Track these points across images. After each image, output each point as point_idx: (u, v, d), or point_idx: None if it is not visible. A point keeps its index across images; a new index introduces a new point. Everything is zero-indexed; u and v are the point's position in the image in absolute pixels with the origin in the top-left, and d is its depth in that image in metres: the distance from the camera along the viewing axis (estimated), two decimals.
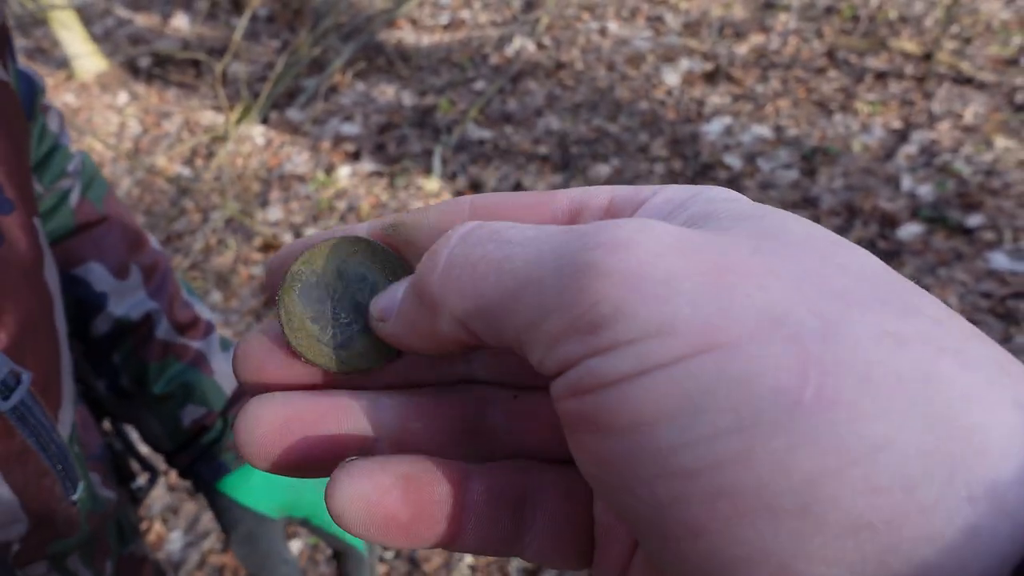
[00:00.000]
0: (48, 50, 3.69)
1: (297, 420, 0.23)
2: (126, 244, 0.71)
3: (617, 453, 0.17)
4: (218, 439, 0.74)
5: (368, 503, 0.22)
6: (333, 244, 0.25)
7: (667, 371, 0.16)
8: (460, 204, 0.25)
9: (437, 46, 3.25)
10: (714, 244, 0.18)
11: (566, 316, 0.18)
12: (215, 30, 3.67)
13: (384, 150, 2.72)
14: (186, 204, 2.66)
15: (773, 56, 2.80)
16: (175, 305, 0.73)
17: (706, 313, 0.16)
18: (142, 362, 0.71)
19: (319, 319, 0.24)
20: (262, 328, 0.25)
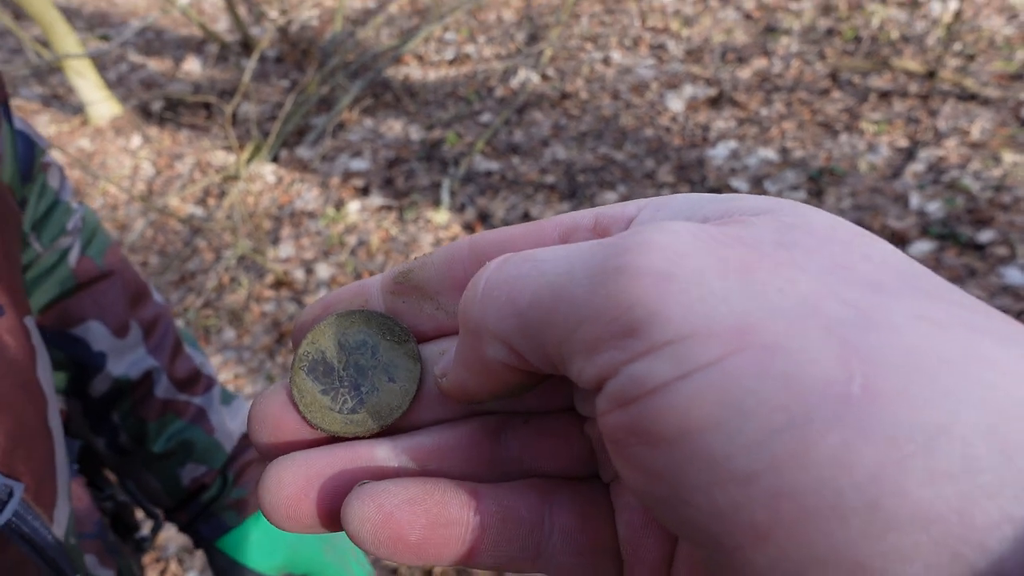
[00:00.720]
0: (63, 96, 3.78)
1: (319, 477, 0.24)
2: (126, 300, 0.70)
3: (668, 464, 0.17)
4: (217, 496, 0.73)
5: (375, 524, 0.22)
6: (331, 322, 0.26)
7: (708, 373, 0.16)
8: (460, 245, 0.26)
9: (443, 81, 3.30)
10: (738, 239, 0.18)
11: (600, 322, 0.18)
12: (226, 72, 3.74)
13: (393, 184, 2.75)
14: (199, 243, 2.70)
15: (776, 79, 2.81)
16: (176, 361, 0.73)
17: (740, 311, 0.16)
18: (141, 421, 0.70)
19: (329, 391, 0.26)
20: (274, 389, 0.26)
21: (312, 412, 0.25)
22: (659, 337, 0.17)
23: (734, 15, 3.23)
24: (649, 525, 0.23)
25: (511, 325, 0.20)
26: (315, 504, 0.24)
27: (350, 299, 0.27)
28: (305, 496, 0.24)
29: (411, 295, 0.26)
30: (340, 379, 0.26)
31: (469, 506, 0.23)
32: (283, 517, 0.24)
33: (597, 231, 0.24)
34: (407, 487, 0.23)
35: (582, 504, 0.24)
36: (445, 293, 0.26)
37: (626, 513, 0.24)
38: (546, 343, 0.19)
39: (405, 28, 3.69)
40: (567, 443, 0.25)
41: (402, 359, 0.26)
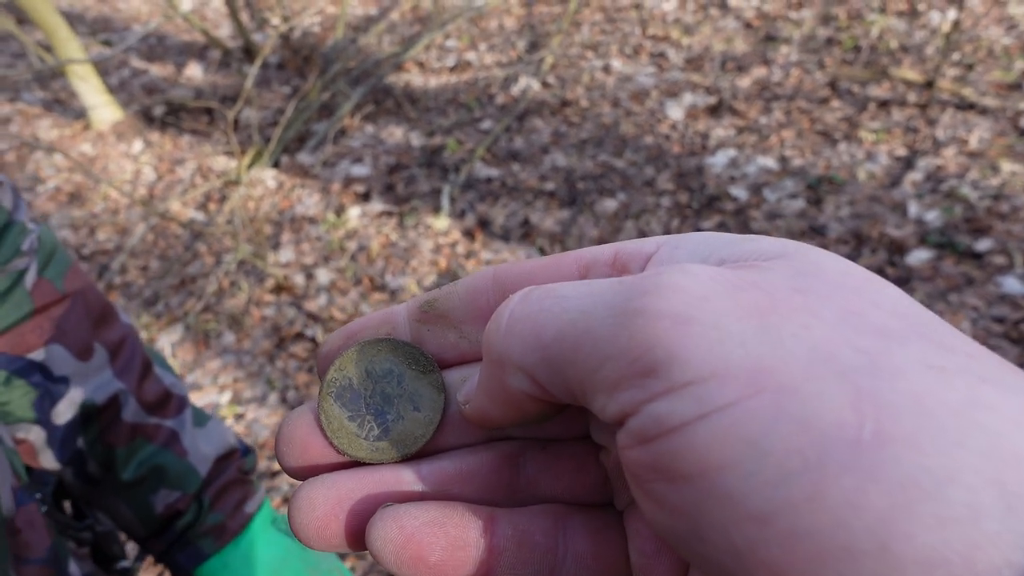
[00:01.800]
0: (65, 101, 3.79)
1: (347, 500, 0.25)
2: (89, 322, 0.67)
3: (688, 501, 0.17)
4: (193, 523, 0.70)
5: (397, 544, 0.23)
6: (359, 349, 0.27)
7: (726, 414, 0.17)
8: (483, 276, 0.27)
9: (444, 88, 3.31)
10: (754, 284, 0.19)
11: (622, 362, 0.18)
12: (227, 78, 3.76)
13: (393, 190, 2.76)
14: (199, 248, 2.70)
15: (776, 88, 2.82)
16: (144, 382, 0.70)
17: (757, 354, 0.17)
18: (109, 447, 0.67)
19: (356, 417, 0.27)
20: (301, 411, 0.27)
21: (339, 438, 0.26)
22: (679, 378, 0.17)
23: (734, 24, 3.25)
24: (661, 553, 0.24)
25: (535, 359, 0.21)
26: (343, 525, 0.25)
27: (377, 326, 0.28)
28: (334, 517, 0.25)
29: (436, 324, 0.27)
30: (367, 406, 0.27)
31: (486, 529, 0.24)
32: (313, 536, 0.25)
33: (616, 267, 0.25)
34: (428, 510, 0.24)
35: (596, 530, 0.25)
36: (468, 323, 0.27)
37: (639, 541, 0.24)
38: (569, 378, 0.20)
39: (406, 35, 3.70)
40: (583, 471, 0.26)
41: (427, 388, 0.27)
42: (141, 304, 2.55)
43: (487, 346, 0.23)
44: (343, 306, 2.33)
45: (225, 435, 0.75)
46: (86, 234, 2.92)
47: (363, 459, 0.26)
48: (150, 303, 2.55)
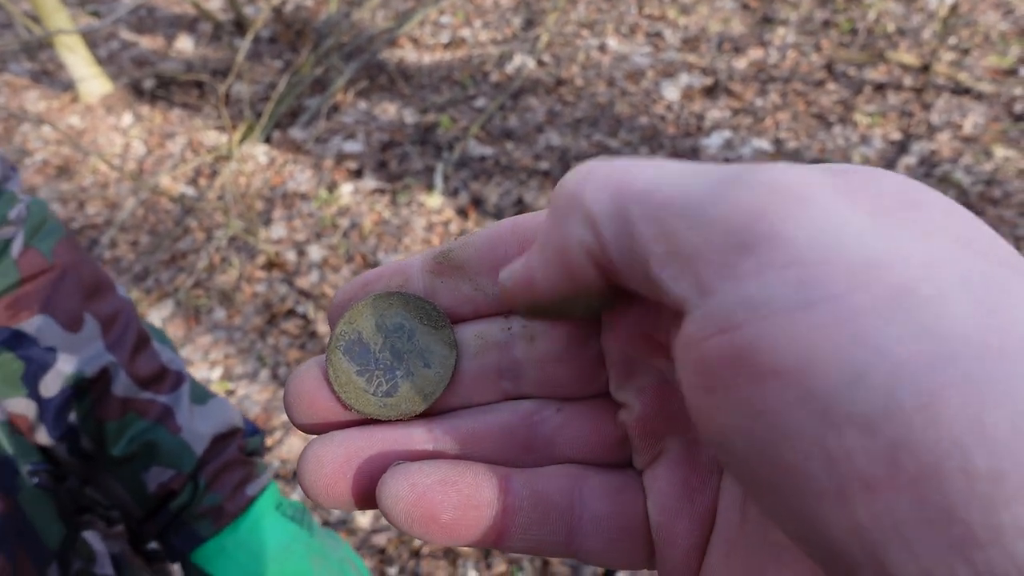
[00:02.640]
0: (53, 72, 3.73)
1: (356, 457, 0.24)
2: (80, 294, 0.66)
3: (774, 401, 0.15)
4: (188, 504, 0.67)
5: (409, 503, 0.23)
6: (370, 302, 0.27)
7: (834, 305, 0.15)
8: (503, 225, 0.26)
9: (438, 64, 3.28)
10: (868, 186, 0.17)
11: (717, 229, 0.17)
12: (218, 51, 3.71)
13: (386, 167, 2.74)
14: (190, 223, 2.68)
15: (772, 70, 2.81)
16: (138, 356, 0.68)
17: (874, 248, 0.16)
18: (100, 422, 0.65)
19: (364, 372, 0.26)
20: (309, 366, 0.27)
21: (347, 393, 0.26)
22: (782, 257, 0.16)
23: (731, 5, 3.22)
24: (682, 511, 0.23)
25: (608, 207, 0.19)
26: (351, 483, 0.24)
27: (389, 278, 0.27)
28: (343, 475, 0.24)
29: (450, 275, 0.26)
30: (376, 361, 0.26)
31: (501, 489, 0.24)
32: (321, 495, 0.24)
33: None
34: (440, 468, 0.24)
35: (614, 491, 0.24)
36: (484, 274, 0.26)
37: (660, 499, 0.24)
38: (644, 238, 0.18)
39: (401, 10, 3.66)
40: (599, 430, 0.26)
41: (438, 345, 0.26)
42: (131, 279, 2.53)
43: (557, 192, 0.21)
44: (335, 283, 2.32)
45: (228, 414, 0.73)
46: (75, 208, 2.89)
47: (371, 415, 0.26)
48: (140, 278, 2.53)
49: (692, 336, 0.17)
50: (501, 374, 0.26)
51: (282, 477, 1.84)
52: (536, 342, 0.26)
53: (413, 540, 1.64)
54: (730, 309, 0.16)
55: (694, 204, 0.17)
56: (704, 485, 0.23)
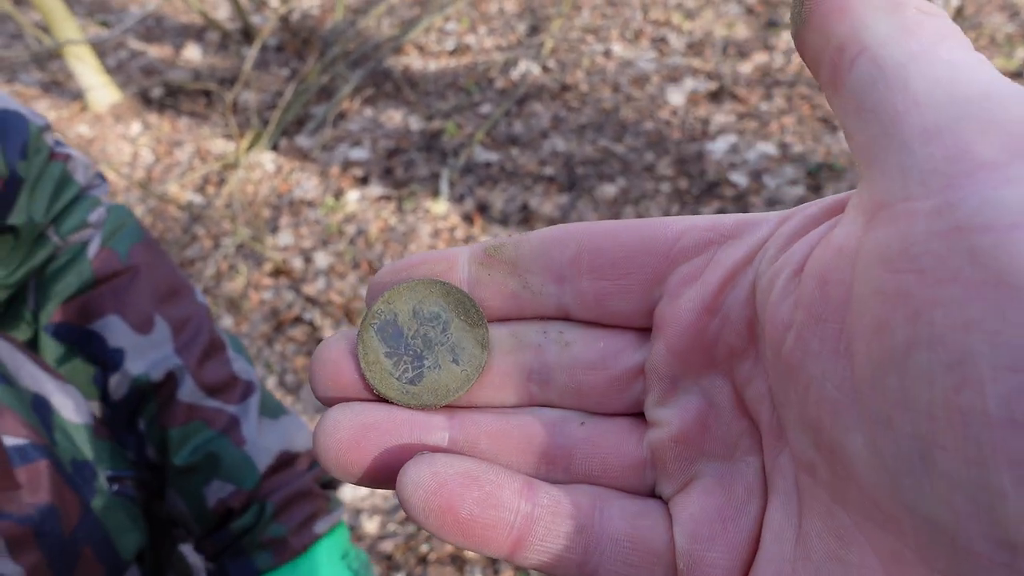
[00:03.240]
0: (63, 82, 3.77)
1: (373, 430, 0.24)
2: (154, 296, 0.65)
3: (1002, 313, 0.14)
4: (250, 528, 0.63)
5: (428, 491, 0.22)
6: (412, 286, 0.26)
7: None
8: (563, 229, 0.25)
9: (443, 71, 3.30)
10: None
11: (1000, 134, 0.16)
12: (226, 60, 3.73)
13: (392, 174, 2.75)
14: (198, 231, 2.70)
15: (777, 74, 2.81)
16: (207, 362, 0.65)
17: None
18: (163, 428, 0.63)
19: (393, 355, 0.26)
20: (341, 335, 0.26)
21: (372, 372, 0.25)
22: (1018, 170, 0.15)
23: (736, 9, 3.23)
24: (716, 539, 0.22)
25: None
26: (364, 455, 0.24)
27: (435, 263, 0.26)
28: (356, 445, 0.24)
29: (499, 269, 0.26)
30: (407, 347, 0.26)
31: (522, 494, 0.23)
32: (332, 461, 0.24)
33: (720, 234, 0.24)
34: (465, 462, 0.23)
35: (635, 514, 0.24)
36: (535, 274, 0.25)
37: (691, 525, 0.23)
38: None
39: (406, 18, 3.68)
40: (621, 450, 0.25)
41: (470, 343, 0.26)
42: None
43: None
44: (341, 290, 2.33)
45: (301, 433, 0.69)
46: None
47: (391, 399, 0.25)
48: None
49: (917, 212, 0.16)
50: (530, 376, 0.26)
51: None
52: (571, 348, 0.25)
53: (420, 546, 1.64)
54: (977, 208, 0.15)
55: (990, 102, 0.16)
56: (739, 513, 0.23)
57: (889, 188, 0.17)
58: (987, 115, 0.16)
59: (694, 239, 0.24)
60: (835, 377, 0.18)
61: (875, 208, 0.17)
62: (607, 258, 0.24)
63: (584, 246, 0.25)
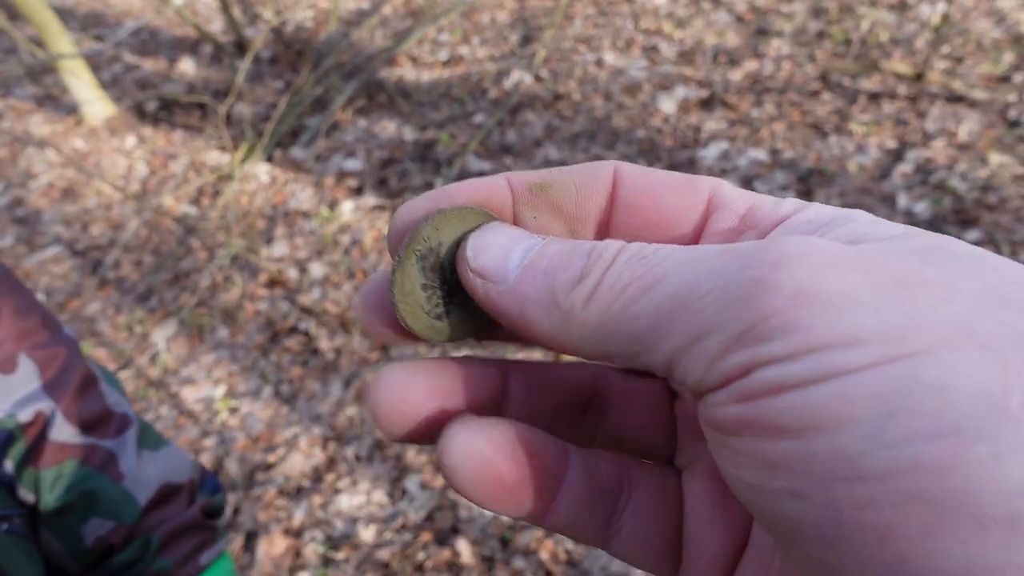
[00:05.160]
0: (58, 97, 3.78)
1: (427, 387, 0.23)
2: (14, 333, 0.61)
3: (790, 456, 0.16)
4: (133, 563, 0.61)
5: (483, 460, 0.22)
6: (460, 213, 0.24)
7: (854, 377, 0.16)
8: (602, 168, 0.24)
9: (437, 82, 3.32)
10: (883, 259, 0.18)
11: (732, 332, 0.17)
12: (220, 73, 3.75)
13: (386, 184, 2.76)
14: (192, 243, 2.70)
15: (767, 81, 2.84)
16: (80, 399, 0.63)
17: (892, 323, 0.16)
18: (35, 469, 0.60)
19: (428, 287, 0.24)
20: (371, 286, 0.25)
21: (405, 303, 0.24)
22: (800, 346, 0.16)
23: (726, 17, 3.25)
24: (716, 522, 0.23)
25: (616, 330, 0.20)
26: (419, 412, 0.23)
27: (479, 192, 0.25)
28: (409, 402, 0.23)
29: (545, 212, 0.25)
30: (443, 280, 0.24)
31: (561, 459, 0.23)
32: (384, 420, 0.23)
33: (745, 222, 0.23)
34: (511, 428, 0.23)
35: (659, 485, 0.24)
36: (580, 221, 0.25)
37: (695, 504, 0.23)
38: (654, 351, 0.19)
39: (399, 29, 3.70)
40: (653, 411, 0.25)
41: None
42: (135, 299, 2.55)
43: (561, 299, 0.21)
44: (337, 300, 2.33)
45: (181, 462, 0.68)
46: (79, 229, 2.92)
47: (417, 332, 0.24)
48: (144, 298, 2.55)
49: (714, 403, 0.18)
50: None
51: (285, 493, 1.85)
52: None
53: (417, 554, 1.64)
54: (752, 385, 0.17)
55: (707, 315, 0.18)
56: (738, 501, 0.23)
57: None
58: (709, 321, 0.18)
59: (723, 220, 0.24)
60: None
61: None
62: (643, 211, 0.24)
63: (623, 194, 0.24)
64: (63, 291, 2.63)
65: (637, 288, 0.19)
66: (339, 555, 1.69)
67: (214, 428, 2.05)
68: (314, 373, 2.13)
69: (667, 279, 0.19)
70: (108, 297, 2.58)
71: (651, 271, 0.19)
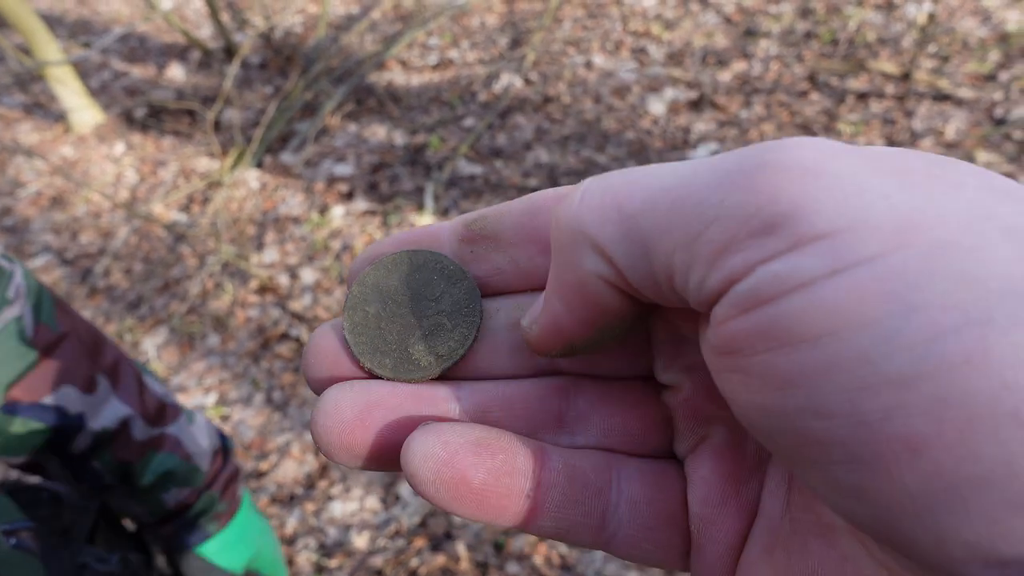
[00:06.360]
0: (46, 104, 3.76)
1: (379, 406, 0.22)
2: (88, 356, 0.70)
3: (807, 367, 0.15)
4: (206, 511, 0.78)
5: (439, 462, 0.21)
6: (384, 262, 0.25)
7: (867, 268, 0.14)
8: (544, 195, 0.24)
9: (427, 86, 3.31)
10: (887, 154, 0.17)
11: (733, 221, 0.16)
12: (209, 79, 3.74)
13: (377, 189, 2.76)
14: (183, 250, 2.69)
15: (756, 82, 2.84)
16: (144, 399, 0.75)
17: (906, 207, 0.15)
18: (125, 463, 0.72)
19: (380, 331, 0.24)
20: (331, 324, 0.25)
21: (360, 343, 0.24)
22: (807, 231, 0.15)
23: (714, 19, 3.26)
24: (727, 501, 0.22)
25: (614, 231, 0.18)
26: (372, 434, 0.22)
27: (418, 242, 0.25)
28: (361, 424, 0.22)
29: (482, 244, 0.24)
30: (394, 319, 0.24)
31: (536, 460, 0.22)
32: (335, 444, 0.22)
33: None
34: (475, 430, 0.22)
35: (652, 476, 0.23)
36: (520, 246, 0.24)
37: (703, 488, 0.22)
38: (656, 251, 0.18)
39: (388, 34, 3.70)
40: (638, 407, 0.24)
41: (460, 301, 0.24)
42: (125, 307, 2.54)
43: (556, 227, 0.20)
44: (328, 306, 2.33)
45: (211, 429, 0.83)
46: (68, 238, 2.90)
47: (377, 372, 0.24)
48: (134, 306, 2.54)
49: (719, 319, 0.17)
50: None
51: (278, 501, 1.84)
52: None
53: (410, 560, 1.64)
54: (758, 288, 0.16)
55: (707, 204, 0.17)
56: (750, 476, 0.22)
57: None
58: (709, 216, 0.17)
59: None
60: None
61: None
62: None
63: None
64: None
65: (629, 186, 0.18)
66: (332, 563, 1.68)
67: None
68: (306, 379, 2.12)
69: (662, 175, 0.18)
70: (98, 305, 2.57)
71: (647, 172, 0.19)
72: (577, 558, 1.57)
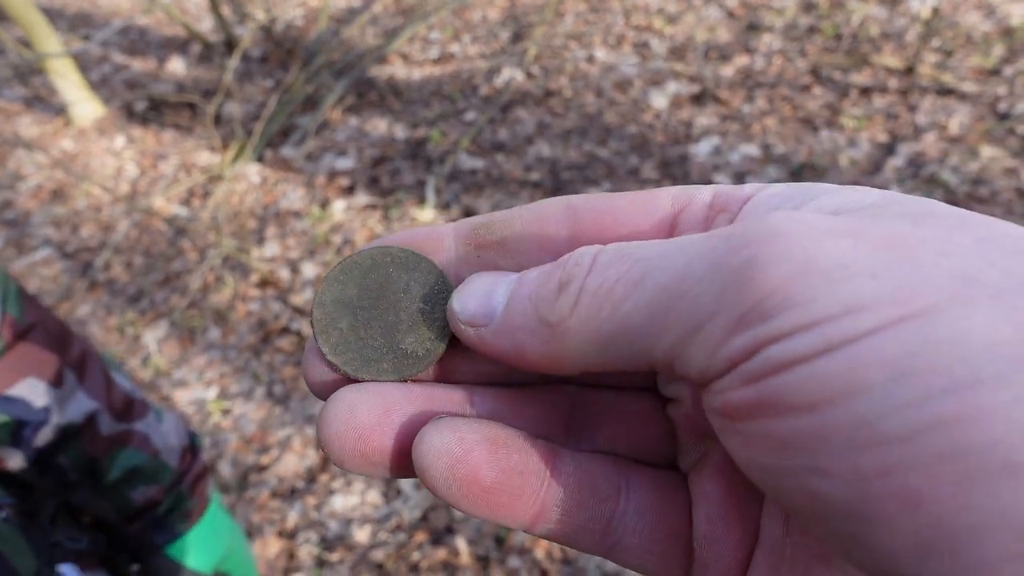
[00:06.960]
0: (46, 97, 3.75)
1: (396, 410, 0.22)
2: (55, 348, 0.69)
3: (806, 432, 0.16)
4: (173, 508, 0.77)
5: (452, 458, 0.21)
6: (344, 267, 0.24)
7: (861, 344, 0.15)
8: (554, 203, 0.24)
9: (428, 79, 3.30)
10: (872, 224, 0.17)
11: (732, 315, 0.17)
12: (210, 72, 3.73)
13: (378, 183, 2.75)
14: (183, 244, 2.69)
15: (758, 76, 2.83)
16: (111, 394, 0.73)
17: (894, 285, 0.16)
18: (91, 459, 0.71)
19: (361, 335, 0.24)
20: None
21: (331, 341, 0.24)
22: (803, 319, 0.16)
23: (717, 13, 3.25)
24: (731, 520, 0.22)
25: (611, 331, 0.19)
26: (390, 440, 0.22)
27: (421, 242, 0.25)
28: (379, 428, 0.22)
29: (489, 250, 0.24)
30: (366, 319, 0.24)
31: (548, 460, 0.22)
32: (349, 449, 0.22)
33: (715, 207, 0.23)
34: (489, 427, 0.22)
35: (660, 487, 0.23)
36: (528, 253, 0.24)
37: (707, 505, 0.22)
38: (655, 346, 0.18)
39: (390, 27, 3.69)
40: (646, 417, 0.24)
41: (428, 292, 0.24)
42: (126, 301, 2.54)
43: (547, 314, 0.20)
44: None
45: (182, 425, 0.82)
46: (69, 231, 2.90)
47: (349, 373, 0.24)
48: (135, 300, 2.53)
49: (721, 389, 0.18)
50: None
51: (279, 495, 1.84)
52: None
53: (411, 554, 1.64)
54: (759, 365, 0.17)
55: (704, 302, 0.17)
56: (753, 496, 0.22)
57: None
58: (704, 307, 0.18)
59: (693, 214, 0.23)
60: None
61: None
62: (608, 230, 0.23)
63: (580, 222, 0.23)
64: (53, 294, 2.62)
65: (624, 286, 0.19)
66: (333, 556, 1.68)
67: (207, 430, 2.04)
68: None
69: (655, 271, 0.19)
70: (99, 299, 2.57)
71: (635, 266, 0.19)
72: (577, 553, 1.56)
